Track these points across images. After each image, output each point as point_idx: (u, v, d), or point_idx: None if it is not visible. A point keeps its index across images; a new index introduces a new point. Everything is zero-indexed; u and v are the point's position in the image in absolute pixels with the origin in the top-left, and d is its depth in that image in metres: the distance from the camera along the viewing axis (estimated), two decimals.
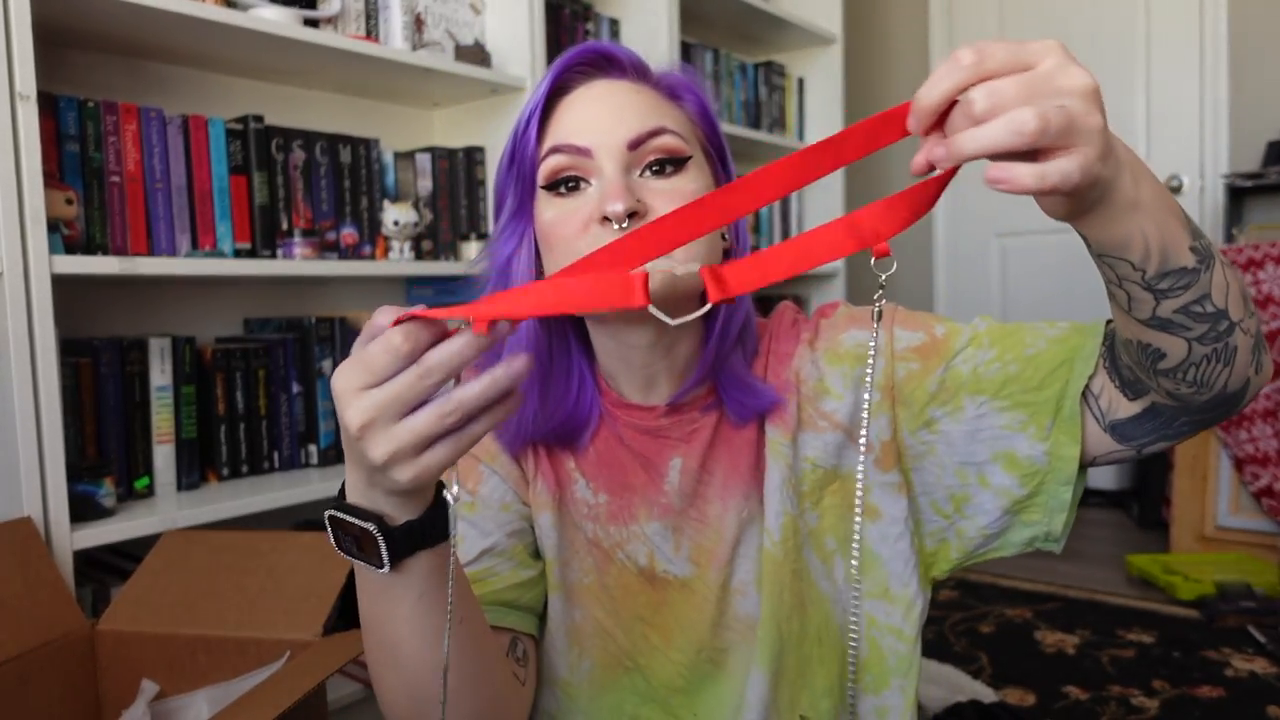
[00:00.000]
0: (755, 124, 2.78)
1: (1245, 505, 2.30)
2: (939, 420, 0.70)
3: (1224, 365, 0.56)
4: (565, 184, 0.68)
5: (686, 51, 2.52)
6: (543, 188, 0.69)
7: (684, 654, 0.73)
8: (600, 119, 0.67)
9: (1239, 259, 2.27)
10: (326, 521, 0.53)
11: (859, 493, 0.56)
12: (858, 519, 0.51)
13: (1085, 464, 0.68)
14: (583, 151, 0.67)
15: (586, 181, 0.68)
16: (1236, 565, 2.21)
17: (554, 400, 0.74)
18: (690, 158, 0.69)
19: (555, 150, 0.68)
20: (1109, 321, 0.65)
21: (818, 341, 0.75)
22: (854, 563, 0.52)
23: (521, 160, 0.70)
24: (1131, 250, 0.50)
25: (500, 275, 0.73)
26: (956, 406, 0.69)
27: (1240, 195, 2.71)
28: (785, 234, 2.92)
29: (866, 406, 0.51)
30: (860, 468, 0.70)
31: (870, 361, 0.45)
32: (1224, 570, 2.17)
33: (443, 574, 0.54)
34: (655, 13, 2.23)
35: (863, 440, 0.65)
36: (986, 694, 1.63)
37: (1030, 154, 0.42)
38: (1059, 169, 0.42)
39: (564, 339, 0.75)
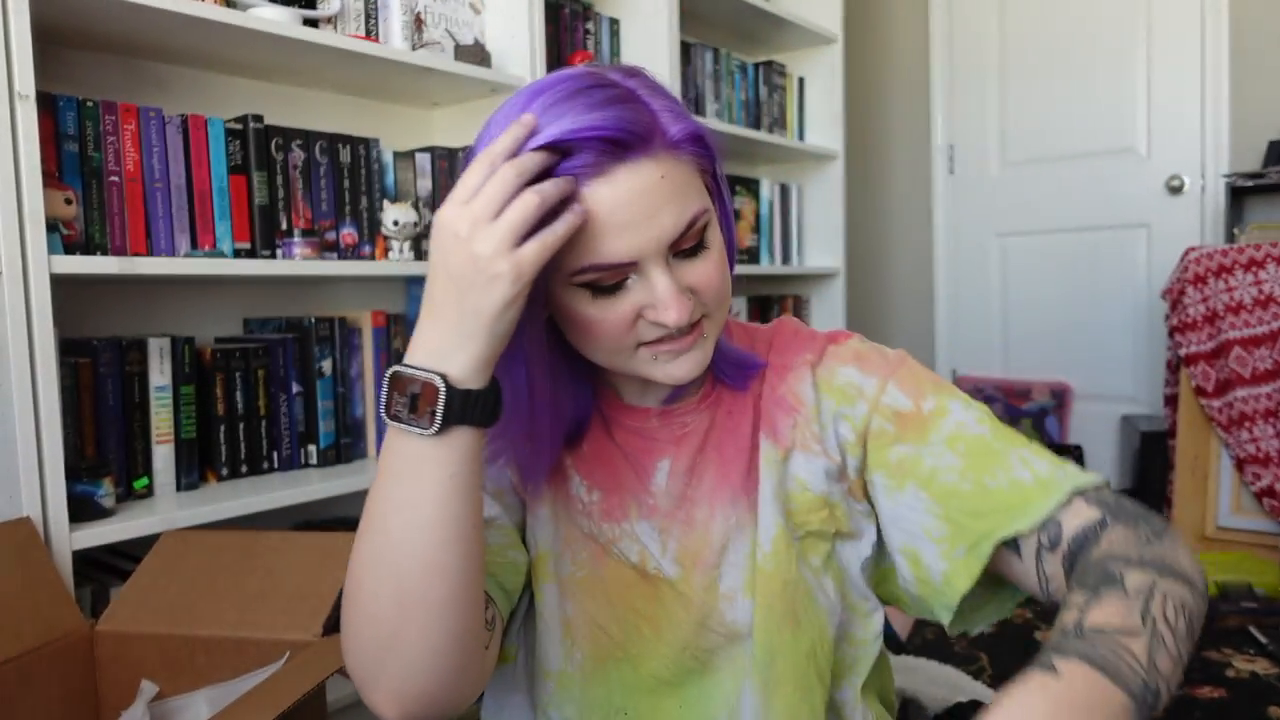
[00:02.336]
0: (755, 124, 2.78)
1: (1247, 505, 2.30)
2: (879, 488, 0.73)
3: None
4: (609, 288, 0.65)
5: (686, 51, 2.51)
6: (577, 285, 0.65)
7: (671, 649, 0.74)
8: (640, 225, 0.62)
9: (1239, 259, 2.27)
10: (386, 382, 0.58)
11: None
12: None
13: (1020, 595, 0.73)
14: (629, 265, 0.63)
15: (626, 278, 0.65)
16: (1238, 565, 2.21)
17: (567, 405, 0.75)
18: (710, 221, 0.68)
19: (596, 269, 0.63)
20: (1079, 492, 0.66)
21: (820, 367, 0.76)
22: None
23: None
24: None
25: (520, 399, 0.69)
26: (898, 488, 0.72)
27: (1241, 195, 2.71)
28: (785, 236, 2.92)
29: None
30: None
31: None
32: (1225, 570, 2.17)
33: (475, 464, 0.59)
34: (655, 13, 2.23)
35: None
36: (986, 694, 1.63)
37: None
38: None
39: (572, 361, 0.74)
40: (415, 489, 0.58)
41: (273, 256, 1.58)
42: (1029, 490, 0.67)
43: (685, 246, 0.66)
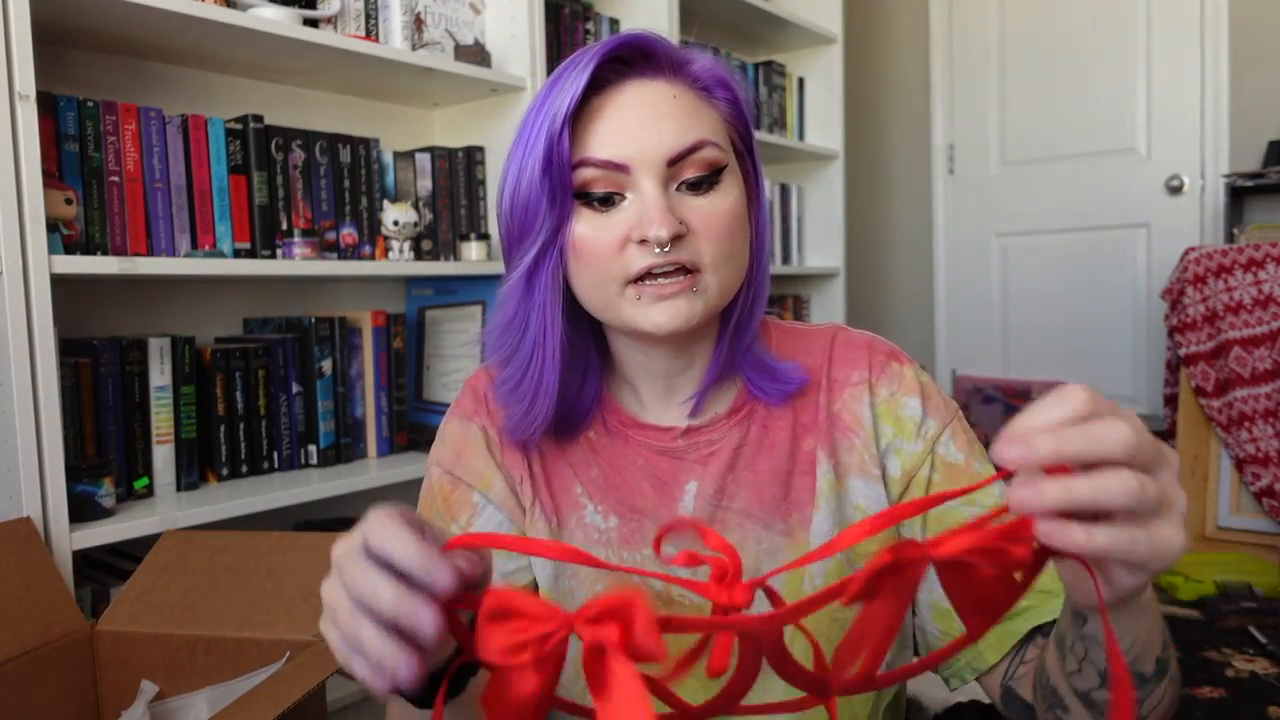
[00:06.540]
0: (755, 124, 2.77)
1: (1246, 505, 2.30)
2: (912, 534, 0.71)
3: None
4: (600, 198, 0.65)
5: None
6: (576, 195, 0.65)
7: (700, 680, 0.70)
8: (637, 130, 0.63)
9: (1239, 259, 2.27)
10: None
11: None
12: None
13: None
14: (620, 168, 0.63)
15: (621, 195, 0.64)
16: (1237, 565, 2.21)
17: (564, 389, 0.71)
18: (726, 166, 0.66)
19: (588, 164, 0.63)
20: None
21: (878, 387, 0.73)
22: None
23: (560, 167, 0.63)
24: (1121, 643, 0.49)
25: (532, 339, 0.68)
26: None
27: (1241, 195, 2.71)
28: (785, 236, 2.92)
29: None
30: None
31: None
32: (1225, 570, 2.17)
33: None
34: (655, 12, 2.23)
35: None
36: (984, 694, 1.62)
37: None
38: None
39: (585, 342, 0.72)
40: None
41: (273, 256, 1.58)
42: (1059, 584, 0.67)
43: (689, 176, 0.64)
